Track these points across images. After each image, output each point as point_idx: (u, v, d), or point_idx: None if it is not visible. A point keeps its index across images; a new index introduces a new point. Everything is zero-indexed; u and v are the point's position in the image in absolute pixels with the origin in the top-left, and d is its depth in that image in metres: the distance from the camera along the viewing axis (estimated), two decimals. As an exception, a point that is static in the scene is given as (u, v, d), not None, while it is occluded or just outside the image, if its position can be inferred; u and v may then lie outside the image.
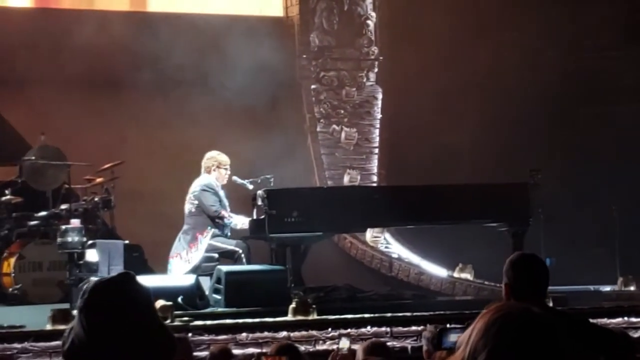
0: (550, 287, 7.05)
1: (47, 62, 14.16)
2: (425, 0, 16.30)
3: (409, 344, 9.71)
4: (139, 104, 14.41)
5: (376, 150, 16.72)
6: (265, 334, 10.03)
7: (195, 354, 8.35)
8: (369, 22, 16.72)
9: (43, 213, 12.18)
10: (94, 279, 8.97)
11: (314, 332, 10.26)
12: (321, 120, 16.34)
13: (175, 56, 14.42)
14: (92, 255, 11.60)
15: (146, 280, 9.44)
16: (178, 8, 16.36)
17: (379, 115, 16.76)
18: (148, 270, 12.37)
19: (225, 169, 11.87)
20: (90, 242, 11.61)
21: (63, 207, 12.08)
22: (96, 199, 12.27)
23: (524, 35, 17.44)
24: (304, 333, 10.15)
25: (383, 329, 10.22)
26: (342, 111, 16.42)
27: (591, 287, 13.67)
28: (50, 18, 15.68)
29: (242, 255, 11.66)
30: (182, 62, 14.39)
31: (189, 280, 11.22)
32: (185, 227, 11.78)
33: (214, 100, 14.09)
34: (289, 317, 10.49)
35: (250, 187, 11.82)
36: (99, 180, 12.56)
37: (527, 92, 16.66)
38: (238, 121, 14.16)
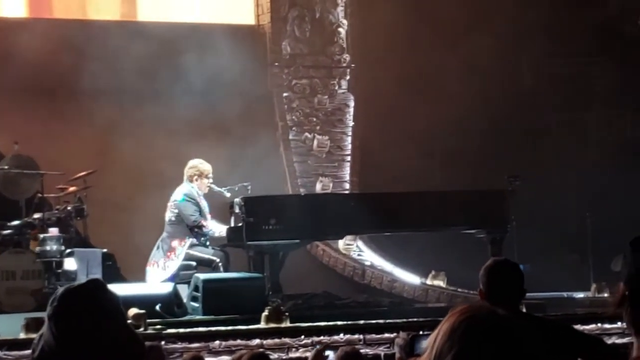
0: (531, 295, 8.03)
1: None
2: (397, 8, 16.01)
3: (381, 351, 9.69)
4: (111, 114, 14.17)
5: (348, 158, 16.67)
6: (239, 341, 9.94)
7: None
8: (340, 29, 16.73)
9: (16, 222, 12.00)
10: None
11: (287, 340, 10.20)
12: (293, 128, 16.32)
13: (147, 66, 14.15)
14: (70, 264, 11.72)
15: (123, 289, 9.98)
16: (149, 17, 16.11)
17: (351, 123, 16.78)
18: (121, 278, 12.38)
19: (208, 177, 11.82)
20: (68, 250, 11.80)
21: (36, 216, 12.03)
22: (69, 208, 12.14)
23: (499, 41, 16.71)
24: (276, 341, 10.09)
25: (356, 336, 10.16)
26: (315, 119, 16.43)
27: (564, 294, 13.68)
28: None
29: (220, 264, 11.65)
30: (153, 71, 14.19)
31: (166, 288, 11.18)
32: (164, 234, 11.80)
33: (184, 109, 14.04)
34: (262, 325, 10.46)
35: (228, 195, 11.82)
36: (71, 189, 12.42)
37: (501, 99, 16.60)
38: (210, 129, 14.07)
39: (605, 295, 12.71)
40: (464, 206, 12.73)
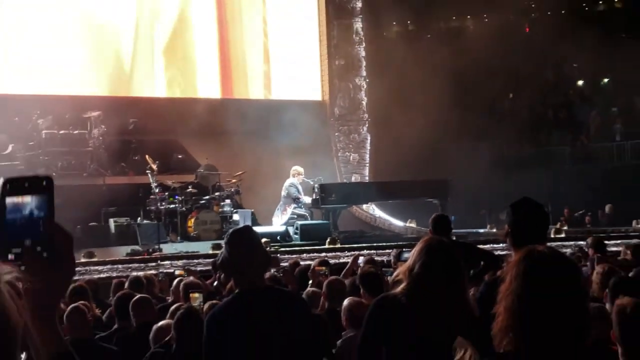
0: (456, 231, 9.92)
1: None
2: (395, 83, 18.07)
3: (385, 258, 10.82)
4: (252, 147, 16.99)
5: (367, 165, 19.80)
6: (314, 254, 12.18)
7: (281, 264, 9.76)
8: (362, 102, 19.85)
9: (207, 197, 15.23)
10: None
11: (338, 253, 12.87)
12: (340, 151, 19.82)
13: (266, 121, 17.23)
14: (235, 217, 15.13)
15: (260, 229, 13.68)
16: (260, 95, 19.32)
17: (369, 147, 19.93)
18: (258, 224, 15.08)
19: (301, 174, 15.30)
20: (234, 210, 15.32)
21: (217, 194, 15.34)
22: (233, 189, 15.54)
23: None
24: (333, 254, 12.49)
25: (372, 251, 12.55)
26: (350, 146, 19.81)
27: (475, 230, 16.46)
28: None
29: (308, 216, 15.39)
30: (271, 123, 17.15)
31: (282, 228, 14.87)
32: (280, 202, 15.42)
33: (286, 142, 16.76)
34: (326, 246, 13.51)
35: (312, 183, 15.51)
36: (233, 180, 15.58)
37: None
38: (298, 152, 16.49)
39: (494, 230, 15.67)
40: (426, 186, 16.35)
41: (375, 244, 13.83)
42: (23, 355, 1.54)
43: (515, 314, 2.28)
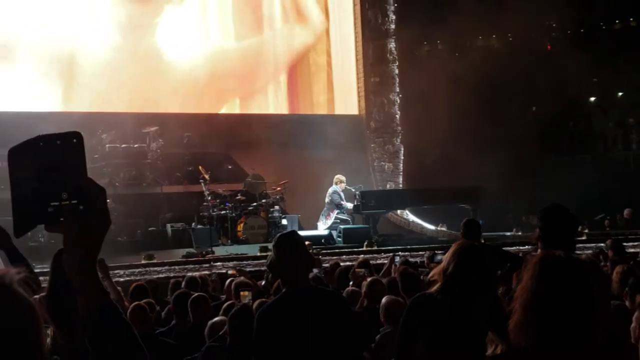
0: (484, 234, 9.58)
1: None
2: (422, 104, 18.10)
3: (419, 259, 10.85)
4: (291, 157, 16.88)
5: (401, 173, 19.58)
6: (354, 256, 12.34)
7: (323, 265, 9.63)
8: (396, 116, 19.64)
9: (254, 204, 15.13)
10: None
11: (375, 255, 12.73)
12: (376, 161, 19.56)
13: (308, 129, 17.12)
14: (284, 222, 15.09)
15: (304, 233, 13.51)
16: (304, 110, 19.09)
17: (402, 157, 19.65)
18: (302, 228, 15.12)
19: (343, 182, 15.27)
20: (283, 216, 15.28)
21: (263, 201, 15.28)
22: (277, 197, 15.50)
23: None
24: (370, 256, 12.14)
25: (407, 253, 12.40)
26: (385, 156, 19.53)
27: (502, 233, 16.01)
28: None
29: (350, 221, 15.34)
30: (313, 135, 16.91)
31: (326, 232, 14.95)
32: (325, 208, 15.41)
33: (327, 155, 16.46)
34: (364, 248, 13.55)
35: (353, 190, 15.51)
36: (278, 188, 15.59)
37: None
38: (340, 163, 16.40)
39: (520, 234, 15.44)
40: (458, 192, 16.00)
41: (409, 247, 13.79)
42: (49, 331, 1.58)
43: (529, 311, 2.30)
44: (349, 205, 15.37)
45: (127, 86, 16.60)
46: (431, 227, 17.65)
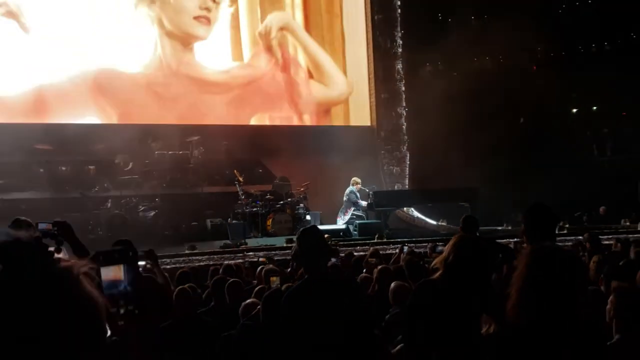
0: (481, 228, 8.48)
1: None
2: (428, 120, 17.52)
3: (422, 250, 10.41)
4: (312, 161, 16.67)
5: (407, 176, 19.41)
6: (366, 247, 11.93)
7: (340, 254, 9.42)
8: (403, 127, 19.51)
9: (281, 202, 14.94)
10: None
11: (385, 246, 12.64)
12: (385, 165, 19.32)
13: (329, 141, 16.84)
14: (308, 217, 15.04)
15: (326, 227, 14.23)
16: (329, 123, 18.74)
17: (408, 162, 19.44)
18: (323, 223, 15.06)
19: (359, 184, 15.21)
20: (307, 212, 15.14)
21: (289, 199, 15.07)
22: (301, 196, 15.29)
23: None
24: (380, 246, 11.97)
25: (412, 244, 11.96)
26: (394, 161, 19.30)
27: (495, 227, 15.75)
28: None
29: (364, 217, 15.15)
30: (336, 146, 16.60)
31: (343, 226, 14.89)
32: (343, 205, 15.28)
33: (340, 162, 16.11)
34: (376, 240, 13.48)
35: (367, 190, 15.31)
36: (301, 189, 15.35)
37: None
38: (354, 168, 15.98)
39: (509, 228, 15.20)
40: (458, 192, 15.71)
41: (414, 239, 13.61)
42: (122, 310, 1.59)
43: (523, 295, 2.31)
44: (364, 203, 15.24)
45: (173, 101, 16.60)
46: (433, 222, 17.44)
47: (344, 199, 15.33)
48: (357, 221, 14.88)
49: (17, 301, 0.97)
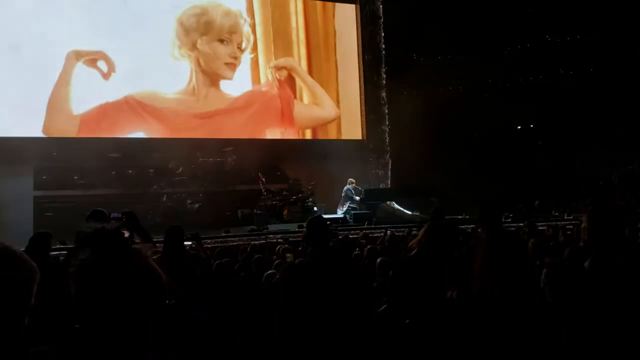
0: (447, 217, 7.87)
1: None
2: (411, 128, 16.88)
3: (401, 234, 9.50)
4: (317, 166, 16.16)
5: (389, 177, 18.68)
6: (358, 232, 11.32)
7: (339, 237, 8.97)
8: (386, 140, 18.72)
9: (294, 197, 14.95)
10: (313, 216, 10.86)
11: (372, 230, 12.24)
12: (372, 168, 18.56)
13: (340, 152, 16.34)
14: (315, 209, 14.73)
15: (328, 216, 13.08)
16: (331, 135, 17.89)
17: (390, 167, 18.65)
18: (326, 213, 14.31)
19: (353, 183, 15.00)
20: (314, 205, 14.85)
21: (300, 195, 14.83)
22: (309, 193, 15.15)
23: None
24: (369, 231, 11.77)
25: (394, 229, 11.53)
26: (379, 166, 18.59)
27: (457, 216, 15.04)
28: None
29: (358, 208, 14.73)
30: (343, 156, 16.07)
31: (342, 216, 14.56)
32: (341, 200, 14.97)
33: (342, 167, 15.51)
34: (365, 226, 13.16)
35: (360, 188, 14.98)
36: (310, 187, 15.33)
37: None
38: (348, 170, 15.74)
39: (468, 217, 13.63)
40: (429, 189, 15.42)
41: (395, 225, 13.07)
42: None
43: (483, 267, 2.32)
44: (357, 198, 15.00)
45: (208, 119, 16.35)
46: (409, 212, 17.00)
47: (342, 194, 15.06)
48: (352, 212, 14.65)
49: (106, 274, 1.00)
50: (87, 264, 1.02)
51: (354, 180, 15.06)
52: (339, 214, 14.75)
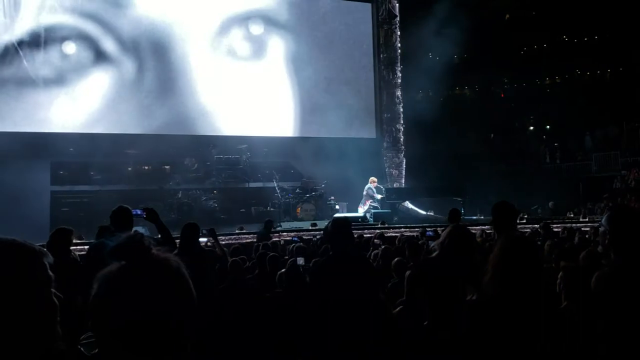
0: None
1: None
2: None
3: (415, 234, 10.03)
4: (331, 164, 15.18)
5: (403, 176, 18.49)
6: (376, 230, 11.24)
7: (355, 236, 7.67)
8: (401, 139, 18.55)
9: (307, 195, 14.63)
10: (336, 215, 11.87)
11: (390, 230, 12.04)
12: (387, 168, 18.46)
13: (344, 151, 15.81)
14: (337, 207, 14.59)
15: (347, 215, 13.54)
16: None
17: (404, 167, 18.48)
18: (348, 211, 14.72)
19: (375, 182, 14.78)
20: (336, 202, 14.57)
21: (313, 193, 14.68)
22: (322, 191, 14.63)
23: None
24: (385, 230, 11.58)
25: (407, 228, 12.16)
26: (393, 165, 18.43)
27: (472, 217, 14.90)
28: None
29: (379, 207, 14.54)
30: (350, 155, 15.51)
31: (362, 214, 14.16)
32: (362, 199, 14.80)
33: (357, 163, 15.25)
34: (379, 225, 12.82)
35: (381, 187, 15.01)
36: (322, 185, 14.84)
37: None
38: (364, 169, 15.28)
39: (482, 217, 14.29)
40: (446, 187, 15.24)
41: (409, 225, 13.15)
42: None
43: (497, 271, 2.25)
44: (378, 197, 14.80)
45: (228, 116, 16.32)
46: (422, 212, 16.87)
47: (364, 193, 14.77)
48: (373, 210, 14.40)
49: (138, 282, 1.00)
50: (115, 278, 1.02)
51: (375, 179, 14.81)
52: (360, 212, 14.50)
